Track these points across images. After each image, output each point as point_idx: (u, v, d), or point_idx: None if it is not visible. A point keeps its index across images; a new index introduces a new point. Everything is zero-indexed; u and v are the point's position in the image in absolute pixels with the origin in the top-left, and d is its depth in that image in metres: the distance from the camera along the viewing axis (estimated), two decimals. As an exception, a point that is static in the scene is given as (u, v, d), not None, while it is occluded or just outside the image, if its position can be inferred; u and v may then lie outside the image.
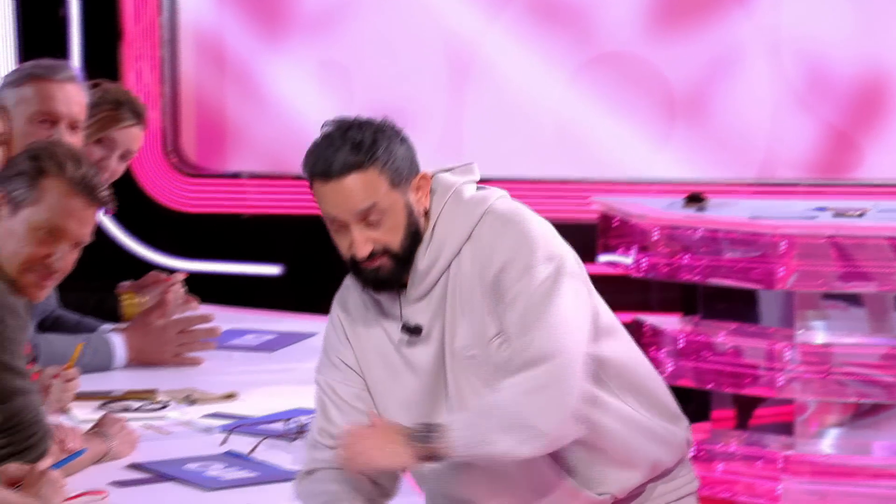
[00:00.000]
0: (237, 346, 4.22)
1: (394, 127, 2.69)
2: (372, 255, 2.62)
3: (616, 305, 6.38)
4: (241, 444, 3.28)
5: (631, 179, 6.07)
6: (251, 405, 3.57)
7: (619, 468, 2.68)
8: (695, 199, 5.28)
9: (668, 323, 5.26)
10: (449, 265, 2.66)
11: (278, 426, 3.33)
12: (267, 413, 3.44)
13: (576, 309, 2.63)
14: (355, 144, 2.62)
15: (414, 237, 2.65)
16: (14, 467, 2.85)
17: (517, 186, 6.16)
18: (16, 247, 2.99)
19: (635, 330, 5.28)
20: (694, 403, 5.51)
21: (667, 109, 6.11)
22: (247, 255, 6.06)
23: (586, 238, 5.58)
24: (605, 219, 5.35)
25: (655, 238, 5.15)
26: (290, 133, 6.14)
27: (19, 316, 2.99)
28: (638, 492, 2.72)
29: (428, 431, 2.59)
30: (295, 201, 6.10)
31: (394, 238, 2.63)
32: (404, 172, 2.65)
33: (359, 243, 2.61)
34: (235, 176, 6.25)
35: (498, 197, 2.75)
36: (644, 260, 5.18)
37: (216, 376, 3.88)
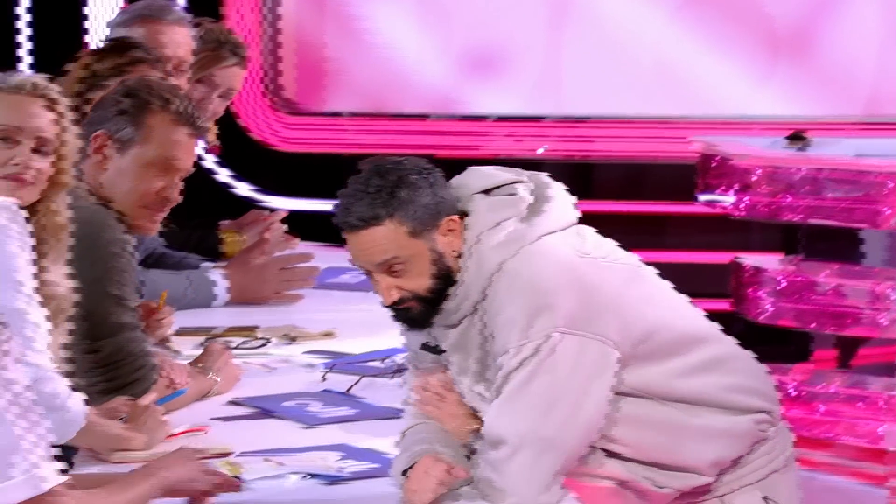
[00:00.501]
0: (336, 285, 4.30)
1: (421, 171, 2.63)
2: (400, 301, 2.63)
3: (715, 246, 6.37)
4: (339, 381, 3.36)
5: (732, 118, 6.04)
6: (349, 343, 3.65)
7: (673, 472, 2.68)
8: (797, 138, 5.25)
9: (769, 263, 5.25)
10: (474, 310, 2.64)
11: (376, 364, 3.40)
12: (365, 351, 3.52)
13: (548, 393, 2.55)
14: (374, 196, 2.59)
15: (444, 279, 2.62)
16: (120, 402, 2.94)
17: (615, 126, 6.18)
18: (130, 185, 3.10)
19: (735, 271, 5.29)
20: (794, 344, 5.52)
21: (769, 45, 6.06)
22: (346, 194, 6.12)
23: (686, 178, 5.59)
24: (705, 158, 5.34)
25: (756, 177, 5.13)
26: (390, 72, 6.19)
27: (130, 252, 3.10)
28: (704, 487, 2.72)
29: (477, 437, 2.67)
30: (393, 140, 6.15)
31: (420, 284, 2.62)
32: (427, 221, 2.60)
33: (384, 292, 2.62)
34: (335, 115, 6.32)
35: (531, 241, 2.62)
36: (745, 200, 5.17)
37: (315, 315, 3.95)
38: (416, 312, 2.65)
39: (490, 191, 2.68)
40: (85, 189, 3.07)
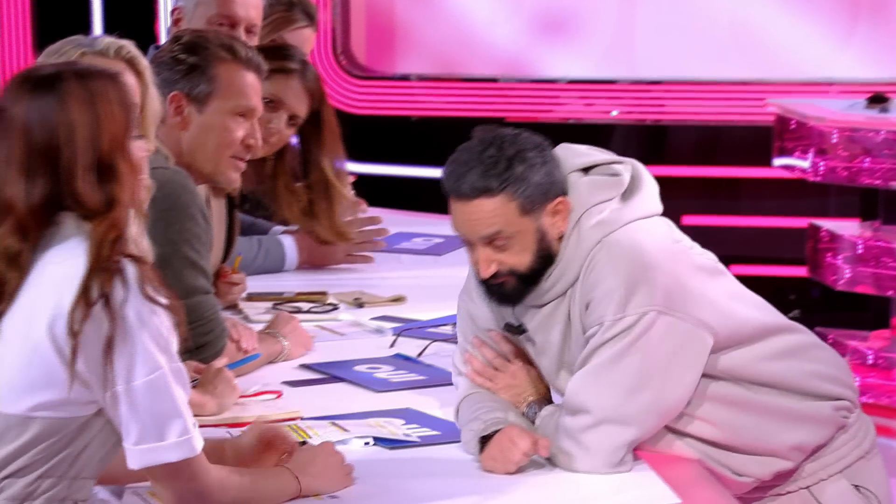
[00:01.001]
0: (405, 250, 4.32)
1: (537, 148, 2.63)
2: (495, 276, 2.64)
3: (791, 211, 6.34)
4: (409, 346, 3.39)
5: (809, 80, 5.99)
6: (419, 308, 3.67)
7: (753, 457, 2.70)
8: (877, 100, 5.20)
9: (846, 228, 5.23)
10: (566, 291, 2.66)
11: (446, 330, 3.42)
12: (435, 317, 3.55)
13: (638, 373, 2.58)
14: (489, 167, 2.59)
15: (544, 260, 2.64)
16: (190, 365, 2.98)
17: (689, 88, 6.15)
18: (217, 138, 3.16)
19: (812, 236, 5.26)
20: (872, 310, 5.49)
21: (850, 5, 6.01)
22: (415, 158, 6.15)
23: (762, 141, 5.57)
24: (782, 121, 5.31)
25: (835, 141, 5.10)
26: (460, 34, 6.20)
27: (207, 216, 3.15)
28: (786, 474, 2.74)
29: (536, 406, 2.72)
30: (463, 103, 6.16)
31: (520, 261, 2.62)
32: (538, 199, 2.61)
33: (482, 264, 2.63)
34: (404, 78, 6.34)
35: (627, 223, 2.65)
36: (822, 164, 5.14)
37: (384, 279, 3.98)
38: (509, 288, 2.66)
39: (585, 170, 2.71)
40: (166, 152, 3.11)
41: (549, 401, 2.75)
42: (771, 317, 2.76)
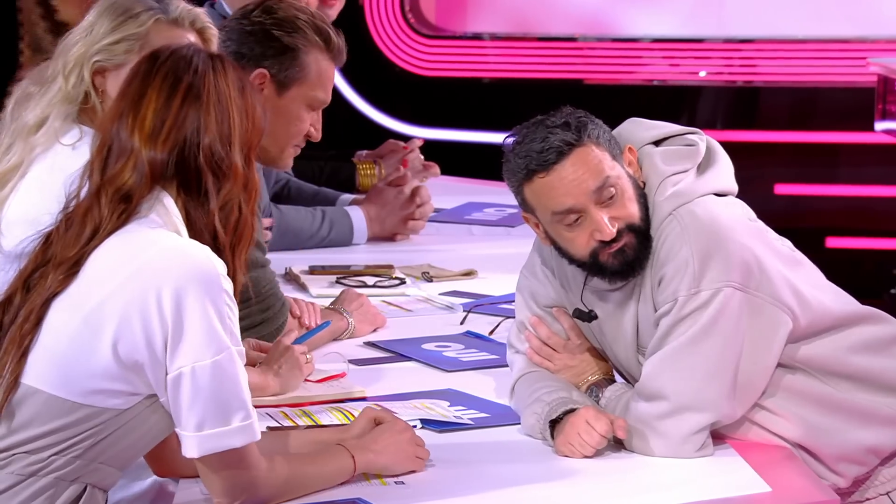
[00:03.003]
0: (477, 221, 4.33)
1: (587, 114, 2.68)
2: (618, 238, 2.64)
3: (894, 178, 6.28)
4: (480, 323, 3.40)
5: (914, 38, 5.95)
6: (491, 283, 3.69)
7: (827, 465, 2.70)
8: None
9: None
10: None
11: (520, 305, 3.44)
12: (507, 292, 3.54)
13: (716, 356, 2.59)
14: (562, 129, 2.63)
15: (645, 206, 2.66)
16: (250, 343, 3.00)
17: (783, 47, 6.11)
18: (286, 125, 3.20)
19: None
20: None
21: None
22: (487, 123, 6.16)
23: (862, 104, 5.52)
24: (884, 82, 5.27)
25: (940, 103, 5.06)
26: (536, -10, 6.19)
27: (263, 188, 3.19)
28: (862, 479, 2.74)
29: (597, 389, 2.73)
30: (539, 64, 6.16)
31: (632, 211, 2.64)
32: (615, 146, 2.66)
33: (604, 224, 2.62)
34: (476, 37, 6.34)
35: (702, 195, 2.66)
36: (927, 128, 5.10)
37: (454, 252, 4.00)
38: (631, 252, 2.65)
39: (657, 143, 2.72)
40: None
41: (611, 381, 2.77)
42: (852, 307, 2.75)
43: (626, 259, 2.66)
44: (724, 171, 2.73)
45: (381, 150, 4.52)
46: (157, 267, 2.24)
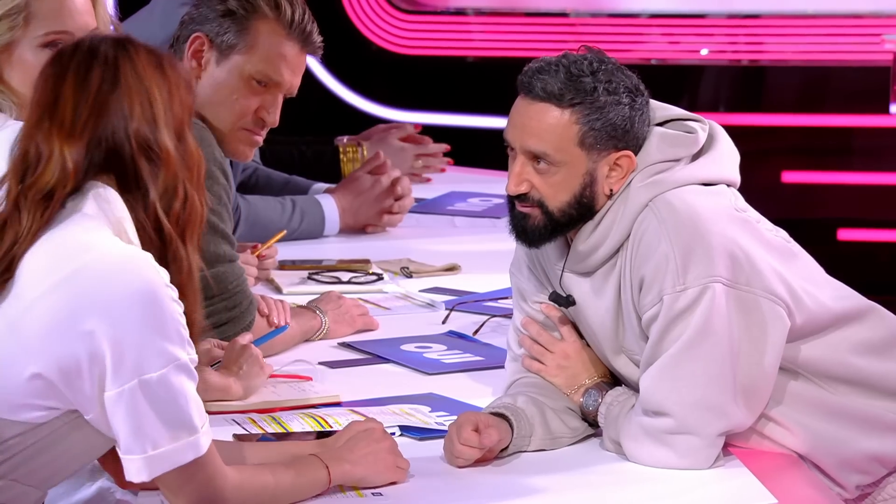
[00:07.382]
0: (460, 212, 4.34)
1: (633, 91, 2.66)
2: (524, 198, 2.67)
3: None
4: (464, 323, 3.41)
5: (933, 13, 5.97)
6: (476, 279, 3.71)
7: (827, 469, 2.72)
8: None
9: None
10: (614, 255, 2.68)
11: (506, 304, 3.43)
12: (493, 289, 3.57)
13: (714, 359, 2.60)
14: (573, 78, 2.63)
15: (580, 209, 2.66)
16: (213, 343, 3.02)
17: (792, 23, 6.13)
18: (223, 100, 3.15)
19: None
20: None
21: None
22: (472, 105, 6.17)
23: (877, 84, 5.55)
24: (900, 61, 5.30)
25: (960, 84, 5.09)
26: (524, -39, 6.20)
27: (229, 174, 3.17)
28: (868, 489, 2.76)
29: (596, 393, 2.75)
30: (528, 42, 6.17)
31: (554, 196, 2.66)
32: (603, 139, 2.64)
33: (514, 178, 2.66)
34: (460, 12, 6.35)
35: (683, 184, 2.66)
36: (946, 111, 5.12)
37: (436, 245, 4.01)
38: (532, 224, 2.69)
39: (662, 124, 2.73)
40: None
41: (609, 385, 2.78)
42: (851, 302, 2.76)
43: (525, 227, 2.70)
44: (718, 160, 2.73)
45: (368, 134, 4.53)
46: (87, 285, 2.23)
